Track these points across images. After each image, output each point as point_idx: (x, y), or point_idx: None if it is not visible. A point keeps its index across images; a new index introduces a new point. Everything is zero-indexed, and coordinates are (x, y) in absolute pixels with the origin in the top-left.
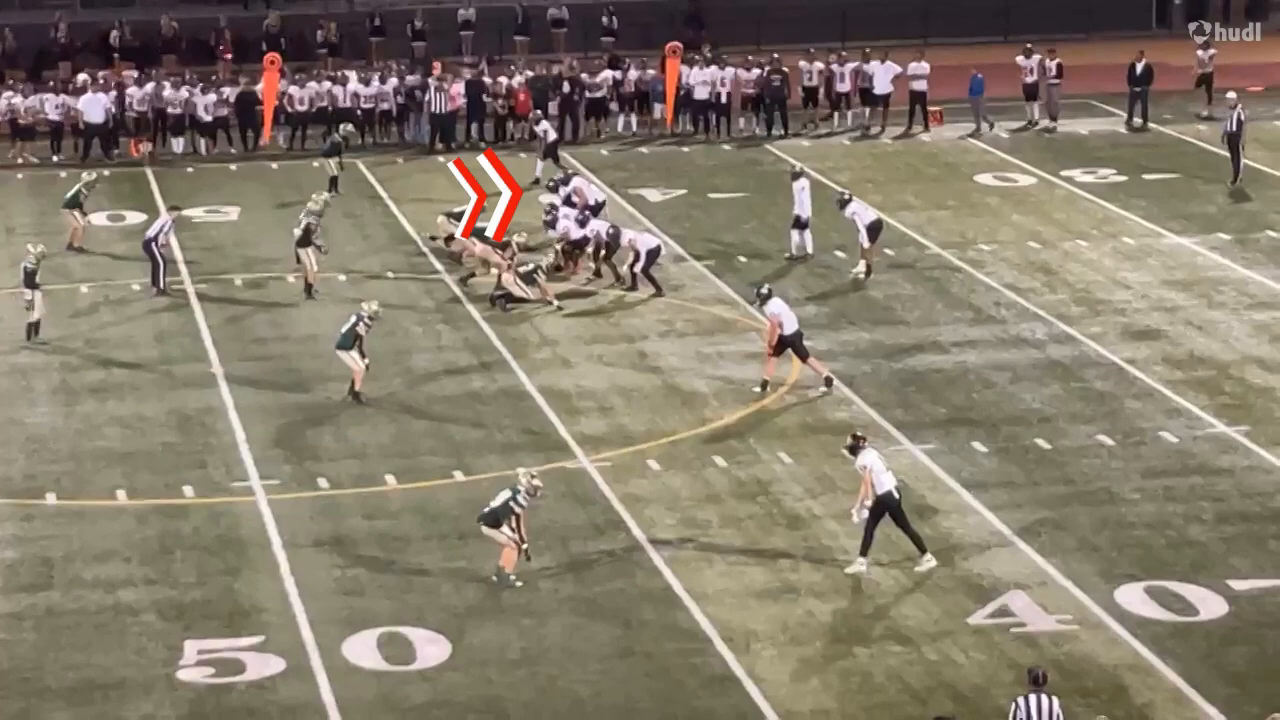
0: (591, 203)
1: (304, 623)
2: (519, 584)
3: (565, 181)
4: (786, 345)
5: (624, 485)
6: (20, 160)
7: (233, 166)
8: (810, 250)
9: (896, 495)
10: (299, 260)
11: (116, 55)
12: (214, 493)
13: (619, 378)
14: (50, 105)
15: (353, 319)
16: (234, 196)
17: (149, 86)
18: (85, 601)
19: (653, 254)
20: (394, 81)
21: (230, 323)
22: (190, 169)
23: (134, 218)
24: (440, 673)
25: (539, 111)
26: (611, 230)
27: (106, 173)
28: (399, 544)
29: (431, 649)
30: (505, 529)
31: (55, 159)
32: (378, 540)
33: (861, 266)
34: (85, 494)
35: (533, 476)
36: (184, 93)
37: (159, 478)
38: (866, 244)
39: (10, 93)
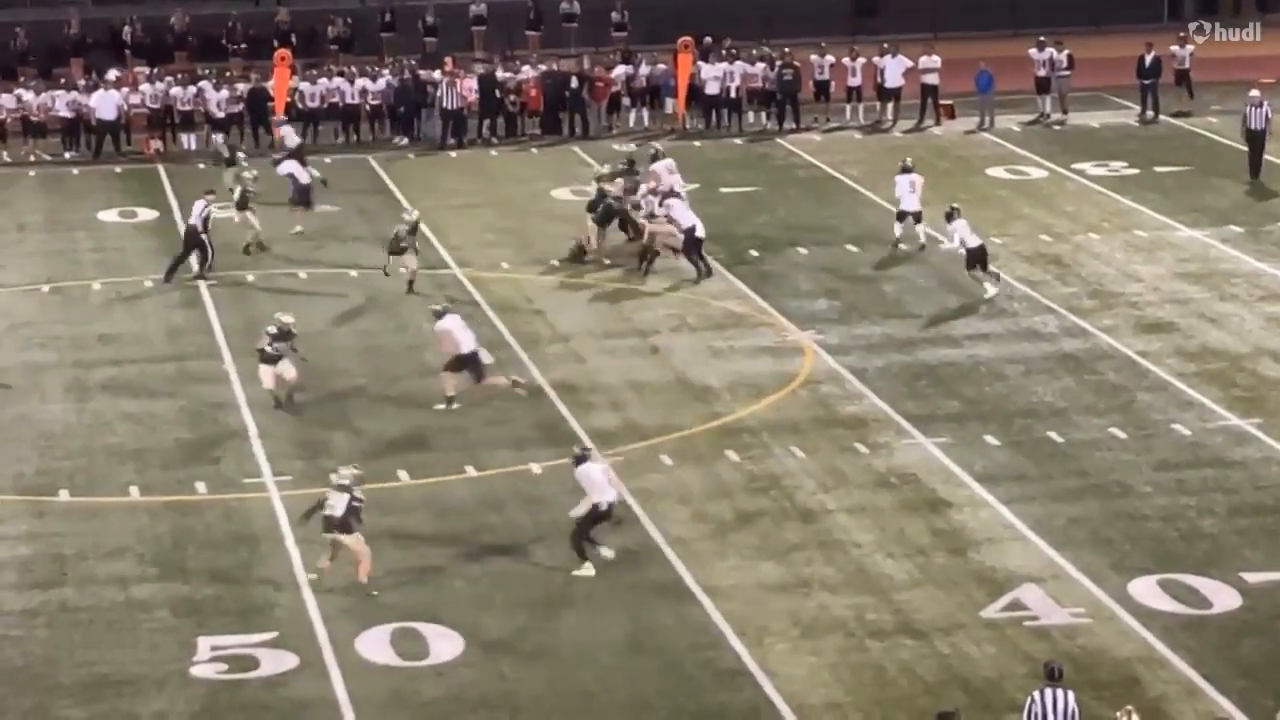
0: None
1: (317, 619)
2: (376, 593)
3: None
4: (463, 365)
5: (636, 480)
6: (32, 158)
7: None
8: (921, 240)
9: (605, 508)
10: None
11: (128, 52)
12: (227, 489)
13: (631, 372)
14: (62, 102)
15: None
16: None
17: (160, 83)
18: (98, 598)
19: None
20: (387, 77)
21: (242, 319)
22: (202, 165)
23: (145, 214)
24: (453, 668)
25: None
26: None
27: (118, 169)
28: (411, 539)
29: (444, 644)
30: (358, 533)
31: (67, 155)
32: (390, 536)
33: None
34: (98, 491)
35: (354, 467)
36: (195, 89)
37: (171, 474)
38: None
39: (22, 89)
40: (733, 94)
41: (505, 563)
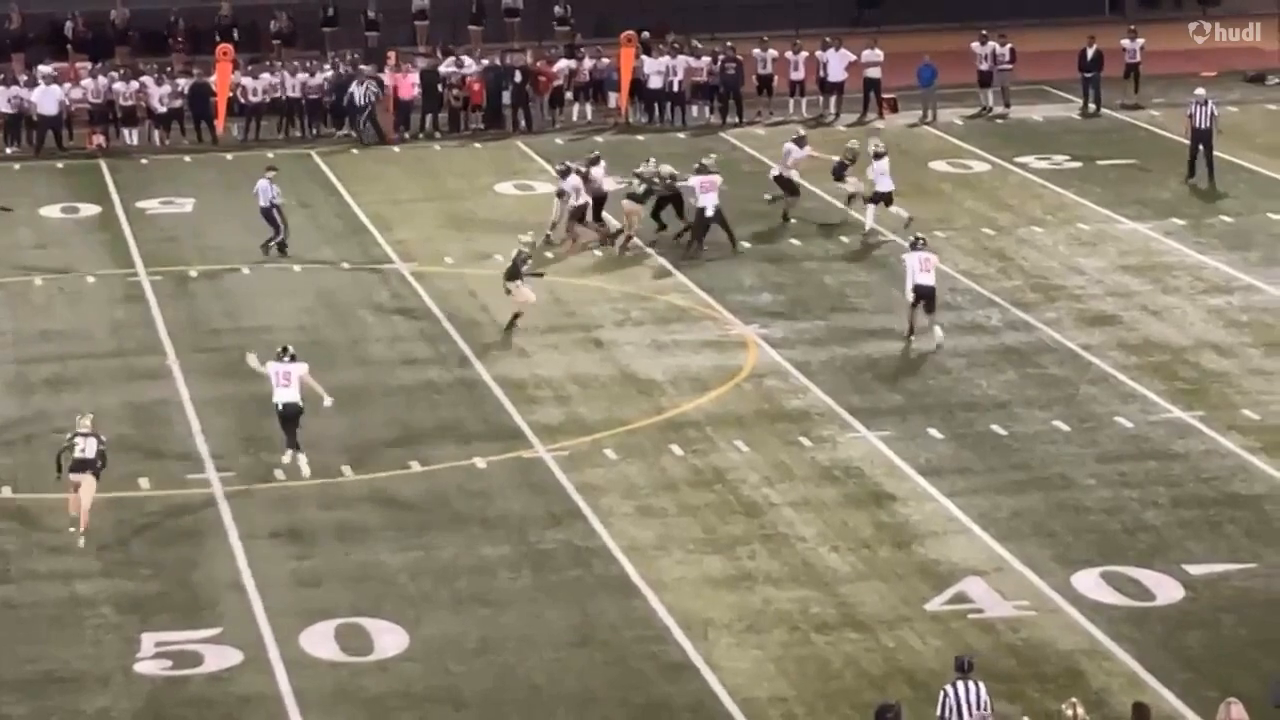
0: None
1: (261, 614)
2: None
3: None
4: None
5: (580, 474)
6: None
7: (187, 158)
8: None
9: None
10: (508, 292)
11: (69, 46)
12: (170, 485)
13: (575, 366)
14: (3, 97)
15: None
16: (189, 188)
17: (101, 78)
18: (41, 594)
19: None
20: (328, 72)
21: (185, 314)
22: (145, 160)
23: (88, 209)
24: (398, 663)
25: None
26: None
27: (60, 165)
28: (356, 534)
29: (389, 639)
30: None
31: (9, 151)
32: (335, 531)
33: None
34: (40, 487)
35: (82, 416)
36: (137, 84)
37: (114, 469)
38: None
39: None
40: (675, 88)
41: (450, 557)
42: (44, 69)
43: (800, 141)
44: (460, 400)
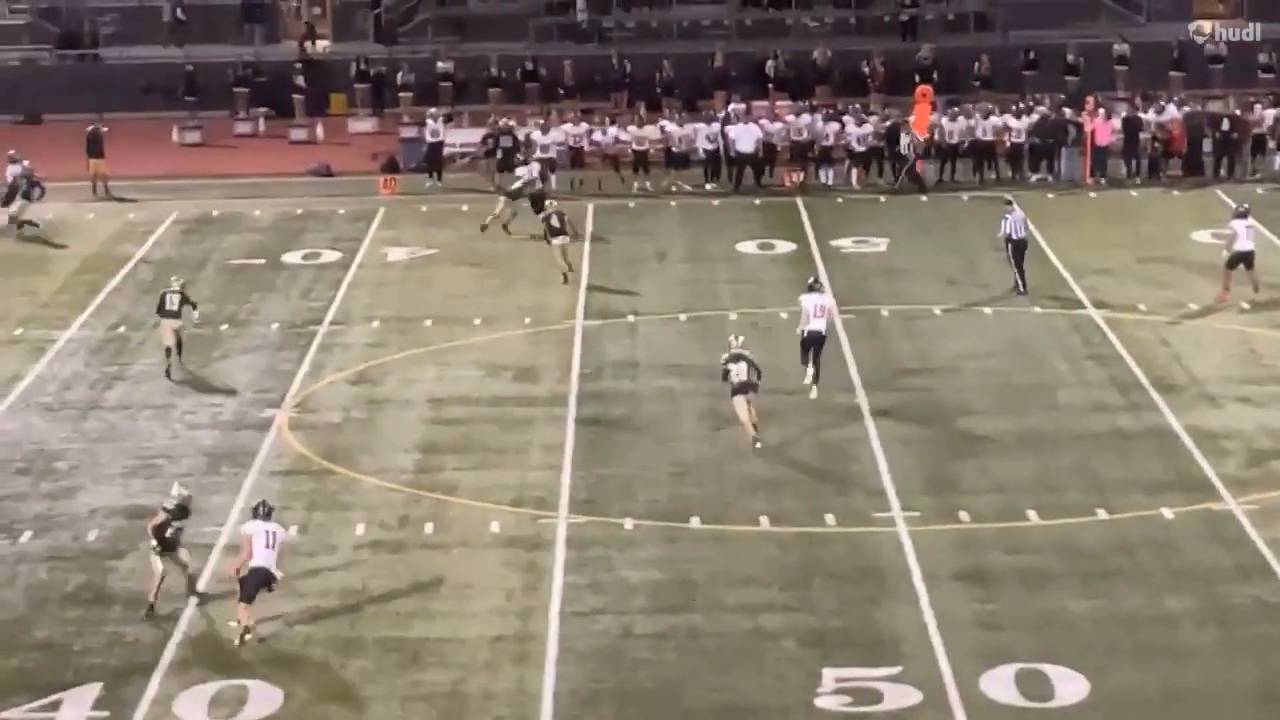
0: None
1: (942, 655)
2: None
3: None
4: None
5: (1272, 529)
6: (674, 188)
7: (882, 198)
8: None
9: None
10: None
11: (770, 85)
12: (855, 522)
13: (1269, 419)
14: (703, 135)
15: None
16: (883, 228)
17: (804, 117)
18: (726, 625)
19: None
20: (1030, 115)
21: (876, 353)
22: (840, 199)
23: (783, 247)
24: (1079, 711)
25: None
26: None
27: (757, 201)
28: (1039, 579)
29: (1070, 687)
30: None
31: (708, 187)
32: (1018, 575)
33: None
34: (729, 519)
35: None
36: (837, 124)
37: (802, 505)
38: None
39: (665, 121)
40: None
41: (1134, 607)
42: (737, 106)
43: None
44: (1149, 449)
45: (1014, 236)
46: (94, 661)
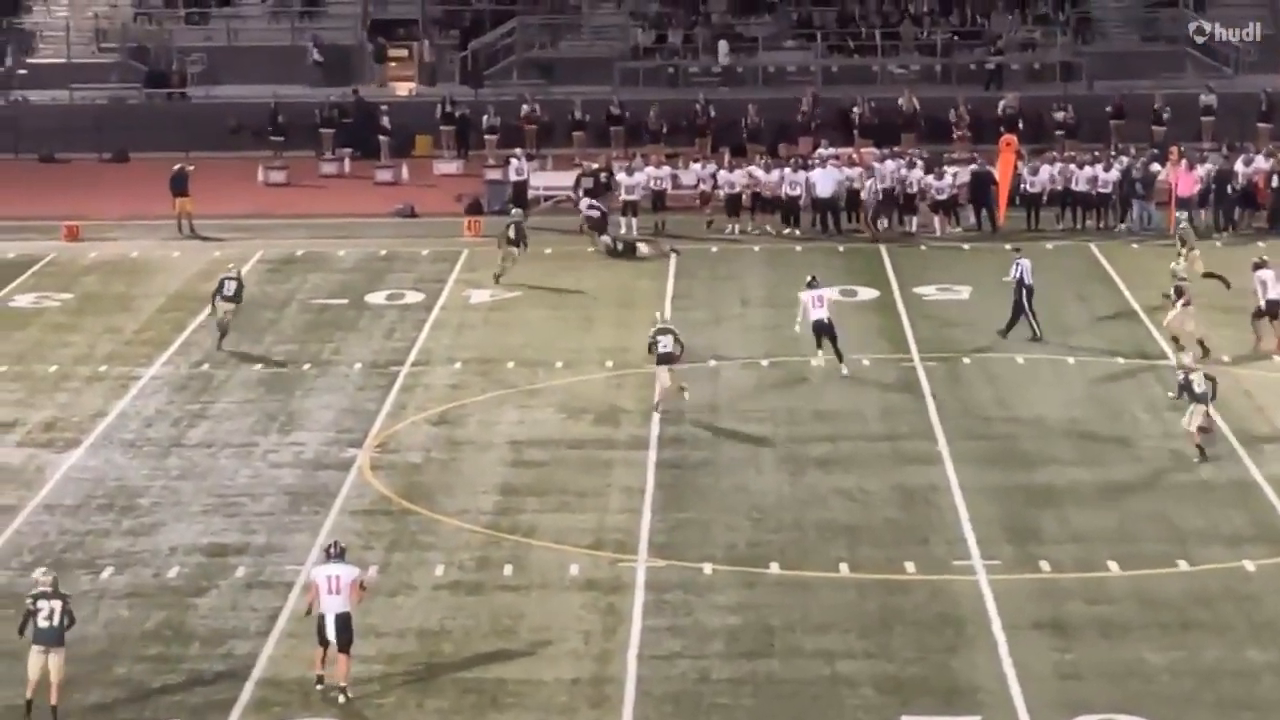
0: None
1: (1020, 705)
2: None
3: None
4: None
5: None
6: (759, 232)
7: (965, 246)
8: None
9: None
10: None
11: (856, 131)
12: (935, 570)
13: None
14: (786, 180)
15: None
16: (966, 276)
17: (890, 163)
18: (804, 671)
19: None
20: (1117, 169)
21: (957, 401)
22: (923, 246)
23: (865, 293)
24: None
25: None
26: None
27: (840, 248)
28: (1119, 630)
29: None
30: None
31: (789, 232)
32: (1098, 625)
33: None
34: (808, 564)
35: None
36: (920, 171)
37: (881, 552)
38: None
39: (754, 167)
40: None
41: (1214, 659)
42: (823, 151)
43: None
44: (1231, 500)
45: (1026, 282)
46: (173, 699)
